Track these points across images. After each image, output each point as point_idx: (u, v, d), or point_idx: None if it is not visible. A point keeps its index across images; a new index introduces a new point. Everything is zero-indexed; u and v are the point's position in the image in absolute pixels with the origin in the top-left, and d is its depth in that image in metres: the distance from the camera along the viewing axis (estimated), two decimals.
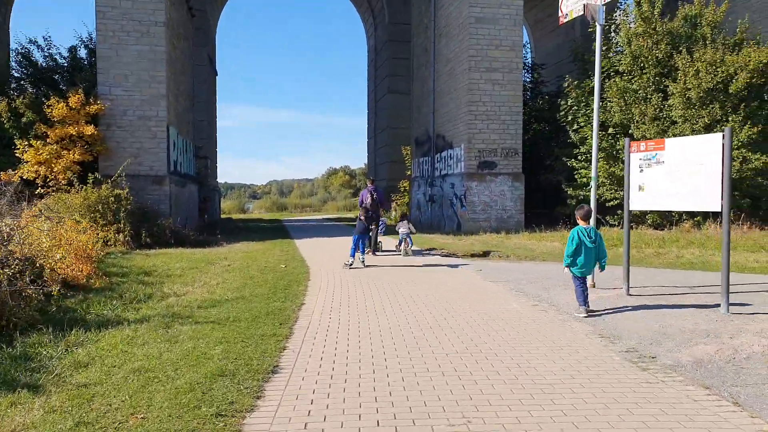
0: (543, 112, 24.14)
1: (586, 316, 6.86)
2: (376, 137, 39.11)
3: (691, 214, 17.55)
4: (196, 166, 27.00)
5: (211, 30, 36.30)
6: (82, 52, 21.24)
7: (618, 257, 12.80)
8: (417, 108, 27.71)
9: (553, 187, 22.02)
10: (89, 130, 17.35)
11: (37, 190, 16.99)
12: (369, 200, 14.11)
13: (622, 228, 18.47)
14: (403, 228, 14.38)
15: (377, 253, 14.29)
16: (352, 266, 11.69)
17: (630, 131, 18.40)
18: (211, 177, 34.51)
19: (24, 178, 17.15)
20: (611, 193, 18.87)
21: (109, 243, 15.59)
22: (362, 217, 12.83)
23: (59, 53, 21.14)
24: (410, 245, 14.25)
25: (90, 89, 18.98)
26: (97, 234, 10.95)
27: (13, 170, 17.30)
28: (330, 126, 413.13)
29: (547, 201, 22.88)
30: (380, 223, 15.16)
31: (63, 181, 16.76)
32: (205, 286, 8.92)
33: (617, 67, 19.66)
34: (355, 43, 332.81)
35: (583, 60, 22.04)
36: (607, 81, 19.63)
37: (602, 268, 7.25)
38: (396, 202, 31.75)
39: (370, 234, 13.75)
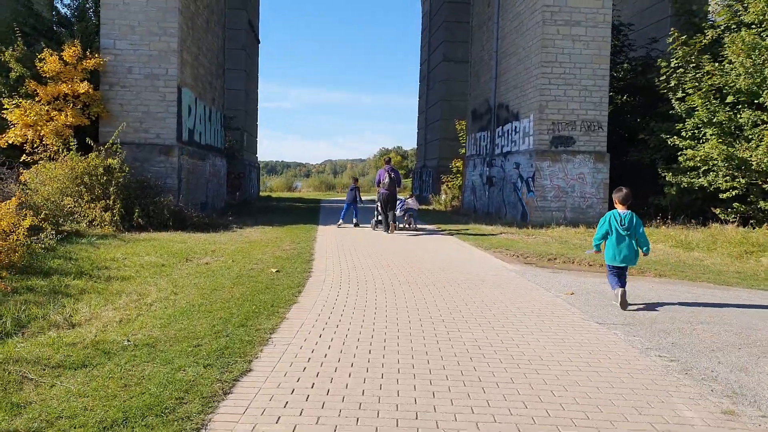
0: (633, 78, 19.87)
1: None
2: (427, 112, 35.40)
3: None
4: (225, 139, 24.15)
5: None
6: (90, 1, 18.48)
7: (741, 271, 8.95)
8: (475, 75, 23.89)
9: (644, 170, 17.92)
10: (83, 87, 14.53)
11: (22, 158, 14.40)
12: (387, 180, 14.41)
13: (739, 226, 14.36)
14: (412, 204, 15.73)
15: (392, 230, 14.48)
16: (339, 226, 15.36)
17: (761, 100, 14.12)
18: (247, 151, 31.76)
19: (11, 143, 14.56)
20: (728, 182, 14.70)
21: (94, 223, 12.82)
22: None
23: (63, 2, 18.41)
24: (414, 221, 15.73)
25: (91, 42, 16.19)
26: (25, 214, 7.95)
27: (1, 134, 14.77)
28: (384, 107, 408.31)
29: (636, 188, 18.73)
30: (399, 202, 15.35)
31: (53, 148, 14.07)
32: (132, 306, 5.72)
33: (741, 17, 15.32)
34: (409, 17, 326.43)
35: (689, 13, 17.68)
36: (726, 35, 15.35)
37: (645, 253, 6.62)
38: (447, 185, 28.11)
39: (389, 213, 14.56)
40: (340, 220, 16.30)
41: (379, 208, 14.88)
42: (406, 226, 15.52)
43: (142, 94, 15.64)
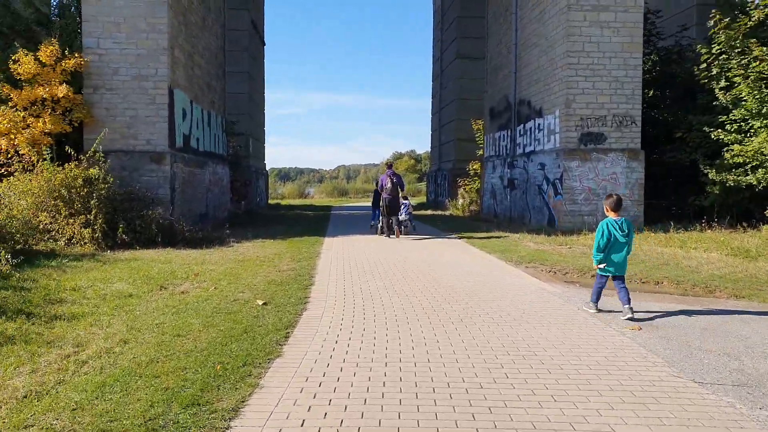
0: (665, 68, 18.15)
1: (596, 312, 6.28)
2: (441, 112, 33.85)
3: None
4: (228, 145, 22.80)
5: None
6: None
7: None
8: (492, 70, 22.31)
9: (683, 169, 16.22)
10: (62, 90, 13.20)
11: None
12: (389, 185, 14.40)
13: None
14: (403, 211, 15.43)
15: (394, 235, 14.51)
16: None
17: None
18: (253, 158, 30.42)
19: None
20: None
21: (73, 241, 11.47)
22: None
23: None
24: (410, 226, 15.76)
25: (73, 41, 14.91)
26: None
27: None
28: (396, 110, 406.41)
29: (675, 188, 17.07)
30: (403, 206, 15.20)
31: (29, 158, 12.76)
32: (56, 367, 4.23)
33: None
34: (421, 14, 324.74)
35: None
36: None
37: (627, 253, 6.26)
38: (464, 188, 26.51)
39: (391, 219, 14.64)
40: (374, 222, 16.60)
41: (383, 214, 14.89)
42: (409, 229, 15.82)
43: (129, 97, 14.29)
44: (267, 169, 37.66)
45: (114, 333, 5.24)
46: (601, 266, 6.21)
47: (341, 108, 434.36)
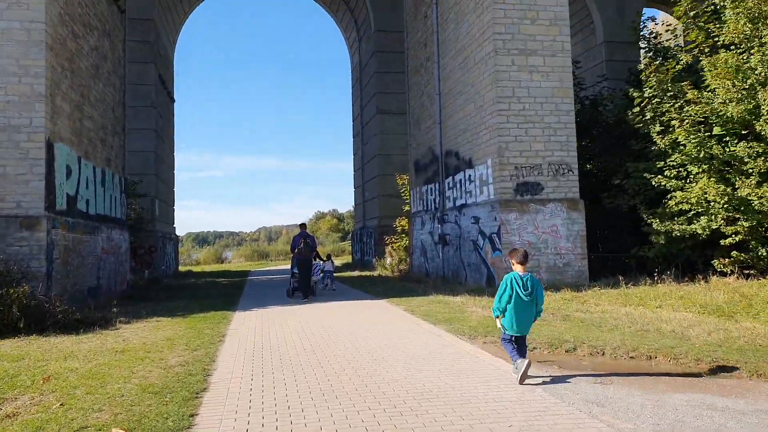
0: (594, 114, 17.79)
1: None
2: (363, 168, 32.75)
3: None
4: (128, 207, 20.30)
5: (164, 48, 30.18)
6: None
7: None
8: (415, 123, 21.42)
9: (622, 217, 15.53)
10: None
11: None
12: (302, 245, 14.64)
13: (738, 277, 11.99)
14: (328, 267, 16.86)
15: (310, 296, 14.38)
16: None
17: (758, 129, 12.01)
18: (160, 221, 27.74)
19: None
20: (728, 226, 12.38)
21: None
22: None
23: None
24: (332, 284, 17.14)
25: None
26: None
27: None
28: (317, 171, 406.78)
29: (616, 239, 16.33)
30: (315, 266, 15.46)
31: None
32: None
33: (717, 38, 13.49)
34: (339, 80, 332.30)
35: (649, 40, 15.82)
36: (702, 58, 13.43)
37: (536, 316, 5.95)
38: (391, 246, 25.07)
39: (305, 279, 14.49)
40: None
41: (295, 274, 14.92)
42: (326, 287, 16.80)
43: None
44: (178, 233, 34.82)
45: None
46: (498, 324, 5.94)
47: (262, 171, 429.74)
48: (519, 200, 14.17)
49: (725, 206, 12.13)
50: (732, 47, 12.86)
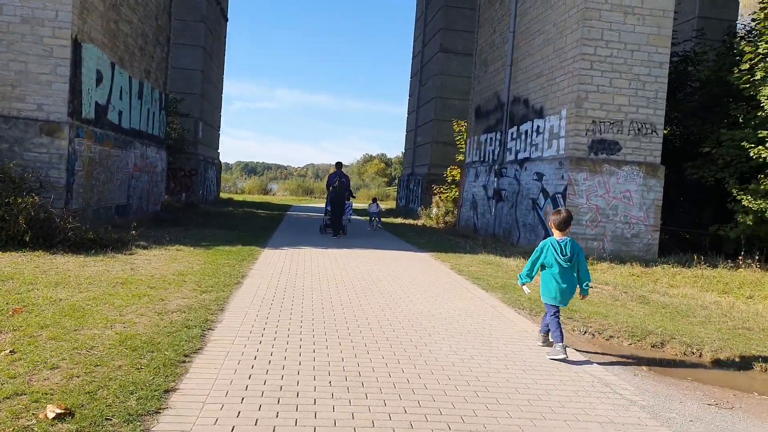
0: (681, 75, 15.50)
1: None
2: (417, 111, 30.89)
3: None
4: (167, 125, 19.33)
5: None
6: None
7: None
8: (482, 64, 19.43)
9: (703, 190, 13.55)
10: None
11: None
12: (337, 183, 14.83)
13: None
14: (373, 209, 17.84)
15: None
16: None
17: None
18: (203, 145, 26.88)
19: None
20: None
21: None
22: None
23: None
24: (379, 224, 18.09)
25: None
26: None
27: None
28: (370, 114, 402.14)
29: (695, 213, 14.39)
30: (347, 206, 15.43)
31: None
32: None
33: None
34: (402, 13, 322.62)
35: None
36: None
37: (584, 293, 5.31)
38: (439, 196, 23.55)
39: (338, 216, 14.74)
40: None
41: (328, 211, 15.23)
42: (374, 228, 17.78)
43: (15, 45, 10.85)
44: (229, 161, 34.10)
45: None
46: (526, 289, 5.43)
47: (315, 106, 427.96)
48: (592, 159, 12.38)
49: None
50: None
